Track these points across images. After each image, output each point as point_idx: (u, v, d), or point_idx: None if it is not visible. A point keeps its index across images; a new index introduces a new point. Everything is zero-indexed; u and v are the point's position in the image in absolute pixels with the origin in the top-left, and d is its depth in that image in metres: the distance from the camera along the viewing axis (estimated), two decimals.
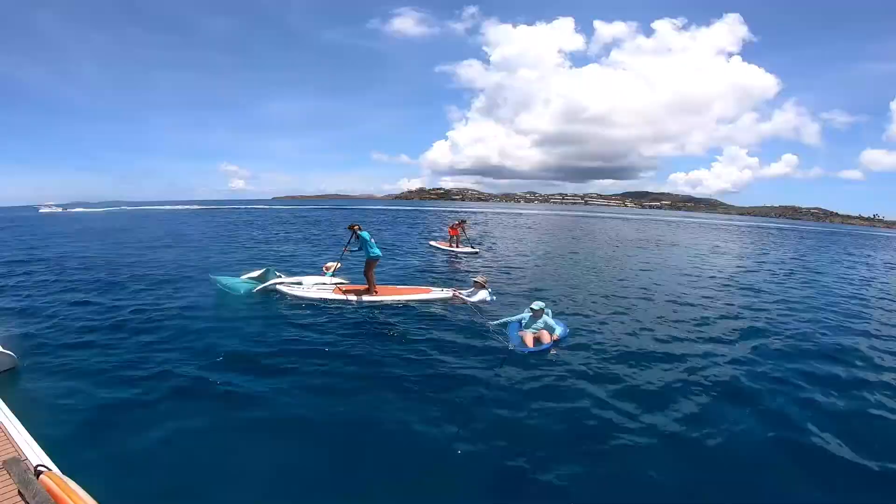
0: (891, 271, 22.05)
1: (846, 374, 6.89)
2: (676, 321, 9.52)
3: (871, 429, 5.32)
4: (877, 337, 9.07)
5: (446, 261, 17.63)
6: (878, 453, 4.74)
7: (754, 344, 8.12)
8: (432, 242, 21.96)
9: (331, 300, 9.83)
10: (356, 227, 10.34)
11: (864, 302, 12.92)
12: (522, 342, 7.40)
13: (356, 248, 10.59)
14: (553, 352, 7.21)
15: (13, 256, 17.01)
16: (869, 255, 30.75)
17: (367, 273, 10.24)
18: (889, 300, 13.54)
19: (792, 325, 9.66)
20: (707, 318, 9.96)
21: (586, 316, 9.61)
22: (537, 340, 7.42)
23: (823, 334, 9.00)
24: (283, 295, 10.03)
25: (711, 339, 8.35)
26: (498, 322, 8.32)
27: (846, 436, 5.03)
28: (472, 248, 19.55)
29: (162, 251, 18.66)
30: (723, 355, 7.49)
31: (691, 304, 11.28)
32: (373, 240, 10.37)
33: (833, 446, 4.86)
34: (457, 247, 19.73)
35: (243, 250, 19.64)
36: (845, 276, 18.51)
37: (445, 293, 10.57)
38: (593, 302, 11.05)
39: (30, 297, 10.19)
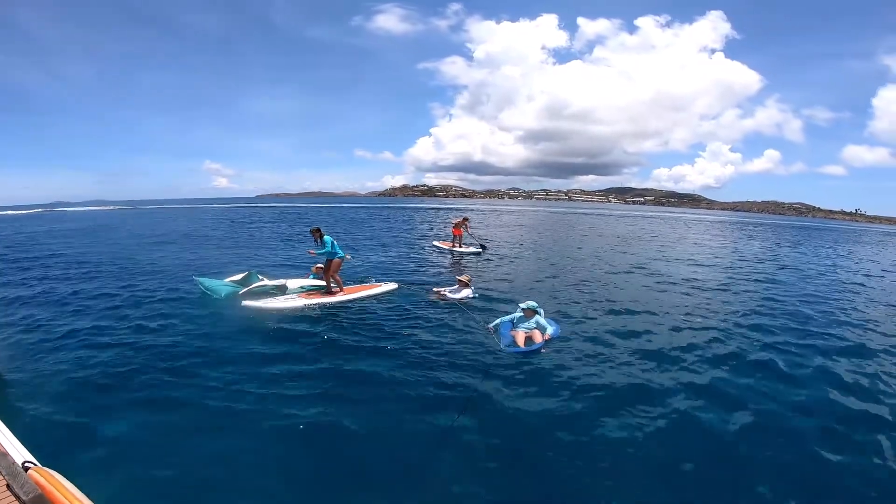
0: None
1: (846, 378, 6.75)
2: (668, 318, 9.64)
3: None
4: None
5: (449, 261, 17.47)
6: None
7: (749, 339, 8.28)
8: (436, 242, 21.55)
9: (306, 306, 9.59)
10: (319, 233, 10.25)
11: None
12: (513, 342, 7.37)
13: (321, 252, 10.33)
14: (544, 351, 7.18)
15: None
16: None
17: (333, 274, 10.25)
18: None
19: (783, 319, 9.80)
20: (700, 313, 10.12)
21: (577, 314, 9.66)
22: (529, 340, 7.38)
23: (821, 330, 9.07)
24: (257, 310, 9.20)
25: (704, 336, 8.45)
26: (493, 323, 8.18)
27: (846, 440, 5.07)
28: (476, 247, 19.18)
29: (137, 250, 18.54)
30: (716, 352, 7.59)
31: (684, 300, 11.49)
32: (336, 243, 10.28)
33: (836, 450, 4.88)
34: (459, 246, 19.26)
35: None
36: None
37: (390, 286, 11.23)
38: (584, 300, 11.14)
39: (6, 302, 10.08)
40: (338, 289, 10.33)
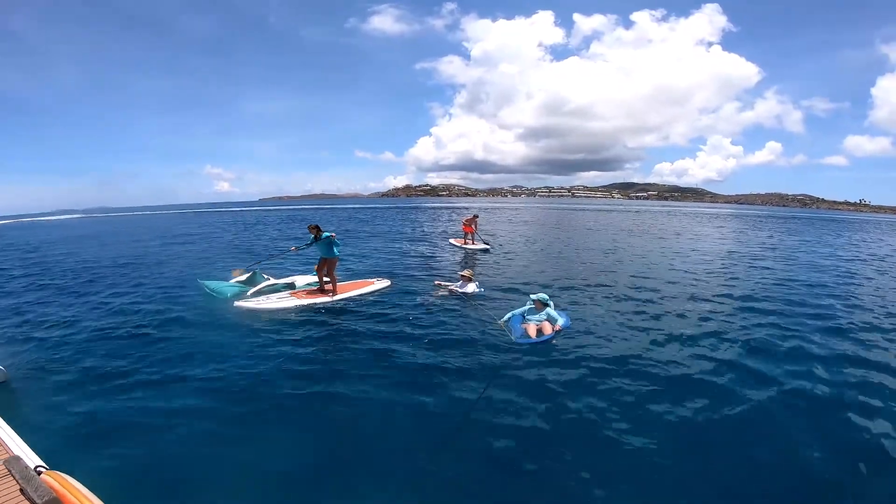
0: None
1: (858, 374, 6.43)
2: (680, 308, 9.53)
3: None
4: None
5: (456, 257, 17.46)
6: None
7: (757, 327, 8.18)
8: (452, 240, 21.51)
9: (300, 306, 9.40)
10: (318, 230, 10.03)
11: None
12: (525, 333, 7.36)
13: (327, 253, 10.05)
14: (555, 342, 7.16)
15: None
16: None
17: (330, 273, 10.13)
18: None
19: (799, 315, 9.28)
20: (708, 303, 10.03)
21: (587, 306, 9.61)
22: (540, 331, 7.37)
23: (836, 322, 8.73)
24: (252, 311, 9.06)
25: (719, 325, 8.38)
26: (504, 318, 8.05)
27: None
28: (485, 244, 19.26)
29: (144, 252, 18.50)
30: (732, 343, 7.45)
31: (691, 290, 11.34)
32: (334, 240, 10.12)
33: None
34: (472, 243, 19.30)
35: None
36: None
37: (384, 283, 11.19)
38: (595, 291, 11.09)
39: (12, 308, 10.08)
40: (331, 286, 10.14)
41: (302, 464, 4.34)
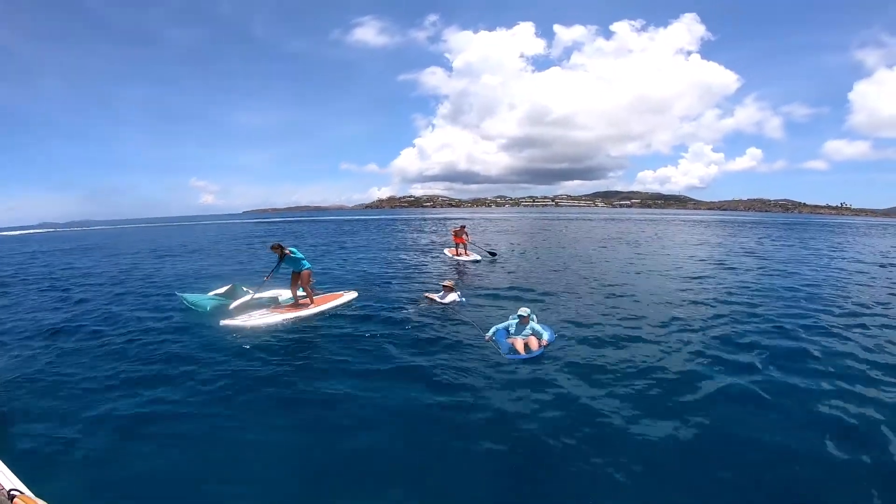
0: None
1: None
2: (661, 318, 9.48)
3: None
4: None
5: (443, 267, 17.47)
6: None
7: (747, 337, 8.10)
8: (446, 250, 21.25)
9: (283, 321, 9.27)
10: (280, 249, 9.94)
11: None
12: (512, 349, 7.34)
13: (286, 267, 10.16)
14: (543, 357, 7.13)
15: None
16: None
17: (305, 286, 10.05)
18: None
19: (786, 325, 9.03)
20: (693, 312, 10.00)
21: (572, 319, 9.45)
22: (527, 346, 7.35)
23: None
24: (236, 328, 8.79)
25: (698, 330, 8.47)
26: (489, 333, 7.93)
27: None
28: (476, 255, 19.10)
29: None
30: (711, 350, 7.44)
31: (675, 300, 11.34)
32: (301, 252, 10.15)
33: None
34: (465, 254, 19.02)
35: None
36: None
37: (351, 294, 11.10)
38: (580, 301, 11.07)
39: None
40: (308, 300, 10.10)
41: (292, 477, 4.31)
